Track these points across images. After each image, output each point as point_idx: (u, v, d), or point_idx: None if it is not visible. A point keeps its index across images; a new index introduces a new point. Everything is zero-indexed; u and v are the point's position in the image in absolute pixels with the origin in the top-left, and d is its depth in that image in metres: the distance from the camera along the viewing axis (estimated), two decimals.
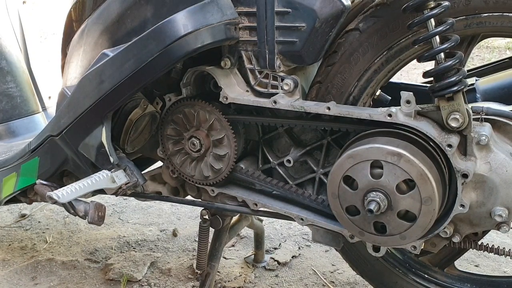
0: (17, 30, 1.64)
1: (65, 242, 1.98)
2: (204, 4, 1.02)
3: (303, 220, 1.14)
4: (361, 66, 1.07)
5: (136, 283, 1.69)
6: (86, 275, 1.75)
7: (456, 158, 0.95)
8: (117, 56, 1.09)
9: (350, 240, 1.10)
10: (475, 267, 1.72)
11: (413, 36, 1.01)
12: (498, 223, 1.00)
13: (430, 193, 0.93)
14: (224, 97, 1.12)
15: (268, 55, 1.07)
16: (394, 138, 0.97)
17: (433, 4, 0.92)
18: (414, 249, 1.04)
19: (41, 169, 1.31)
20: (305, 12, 1.02)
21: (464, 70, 0.94)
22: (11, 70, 1.60)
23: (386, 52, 1.05)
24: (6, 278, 1.74)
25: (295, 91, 1.09)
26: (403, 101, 0.95)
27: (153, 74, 1.06)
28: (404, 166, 0.93)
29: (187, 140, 1.20)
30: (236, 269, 1.75)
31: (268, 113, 1.17)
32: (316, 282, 1.67)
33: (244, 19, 1.08)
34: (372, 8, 1.05)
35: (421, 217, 0.95)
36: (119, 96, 1.11)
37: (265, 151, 1.22)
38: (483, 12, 0.97)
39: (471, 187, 0.99)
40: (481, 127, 0.97)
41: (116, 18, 1.13)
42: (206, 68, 1.14)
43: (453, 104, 0.93)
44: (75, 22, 1.25)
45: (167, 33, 1.02)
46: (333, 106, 1.02)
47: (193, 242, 1.94)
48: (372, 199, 0.95)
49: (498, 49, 4.51)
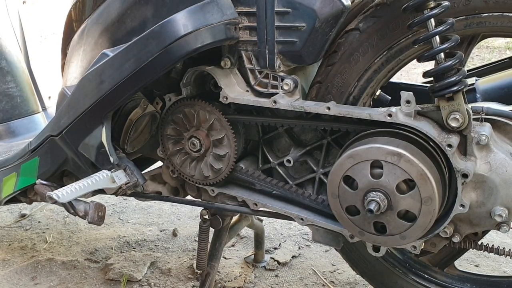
0: (17, 30, 1.64)
1: (65, 242, 1.98)
2: (204, 4, 1.02)
3: (303, 220, 1.14)
4: (361, 66, 1.07)
5: (136, 283, 1.69)
6: (86, 275, 1.75)
7: (456, 158, 0.95)
8: (117, 56, 1.09)
9: (350, 240, 1.10)
10: (475, 267, 1.72)
11: (413, 36, 1.01)
12: (498, 223, 1.00)
13: (430, 193, 0.93)
14: (224, 97, 1.12)
15: (268, 55, 1.07)
16: (394, 138, 0.97)
17: (433, 4, 0.92)
18: (414, 249, 1.04)
19: (41, 169, 1.31)
20: (305, 12, 1.02)
21: (464, 70, 0.94)
22: (11, 70, 1.60)
23: (386, 52, 1.05)
24: (6, 278, 1.74)
25: (295, 91, 1.09)
26: (403, 101, 0.95)
27: (153, 74, 1.06)
28: (404, 166, 0.93)
29: (187, 140, 1.20)
30: (236, 269, 1.75)
31: (268, 113, 1.17)
32: (316, 282, 1.68)
33: (244, 19, 1.08)
34: (372, 8, 1.05)
35: (421, 217, 0.95)
36: (119, 96, 1.11)
37: (265, 151, 1.22)
38: (483, 12, 0.96)
39: (471, 187, 0.99)
40: (481, 127, 0.97)
41: (116, 18, 1.13)
42: (206, 68, 1.14)
43: (453, 104, 0.93)
44: (75, 22, 1.25)
45: (167, 33, 1.02)
46: (333, 106, 1.02)
47: (193, 242, 1.94)
48: (372, 199, 0.95)
49: (498, 49, 4.51)
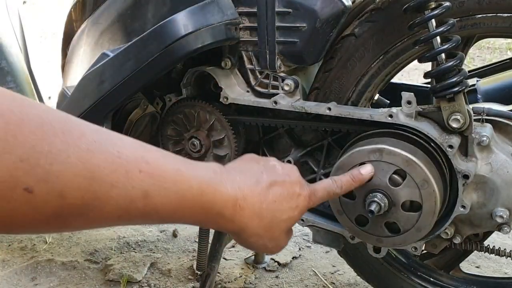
0: (17, 30, 1.63)
1: (65, 242, 1.97)
2: (204, 4, 1.02)
3: (303, 221, 1.14)
4: (358, 71, 1.07)
5: (136, 284, 1.68)
6: (86, 275, 1.75)
7: (457, 159, 0.95)
8: (117, 57, 1.09)
9: (351, 241, 1.10)
10: (476, 268, 1.72)
11: (409, 39, 1.01)
12: (499, 224, 0.99)
13: (423, 175, 0.91)
14: (225, 97, 1.12)
15: (269, 55, 1.07)
16: (373, 138, 0.98)
17: (434, 5, 0.92)
18: (415, 250, 1.03)
19: None
20: (306, 12, 1.02)
21: (465, 71, 0.93)
22: (11, 70, 1.60)
23: (382, 56, 1.05)
24: (6, 279, 1.74)
25: (296, 92, 1.08)
26: (404, 102, 0.95)
27: (153, 75, 1.06)
28: (388, 159, 0.93)
29: (188, 141, 1.20)
30: (237, 270, 1.75)
31: (269, 114, 1.17)
32: (317, 283, 1.67)
33: (244, 19, 1.08)
34: (367, 13, 1.05)
35: (425, 203, 0.93)
36: (119, 97, 1.11)
37: (265, 151, 1.22)
38: (477, 14, 0.96)
39: (472, 188, 0.98)
40: (482, 128, 0.97)
41: (116, 18, 1.13)
42: (206, 69, 1.14)
43: (454, 104, 0.93)
44: (76, 22, 1.25)
45: (168, 33, 1.02)
46: (333, 106, 1.02)
47: (193, 243, 1.94)
48: (371, 200, 0.95)
49: (499, 50, 4.51)
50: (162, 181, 0.56)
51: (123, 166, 0.52)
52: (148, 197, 0.55)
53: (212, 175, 0.65)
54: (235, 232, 0.72)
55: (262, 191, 0.72)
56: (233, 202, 0.67)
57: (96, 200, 0.50)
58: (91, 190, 0.49)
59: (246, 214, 0.69)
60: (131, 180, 0.53)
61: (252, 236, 0.73)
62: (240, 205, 0.68)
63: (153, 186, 0.55)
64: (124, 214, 0.54)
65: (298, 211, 0.77)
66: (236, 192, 0.67)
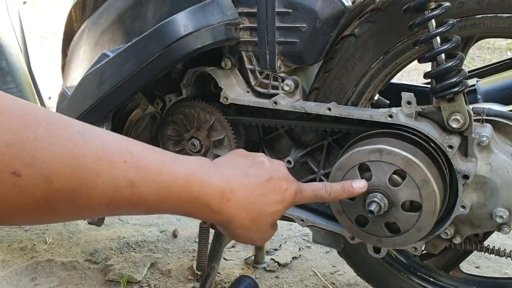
0: (17, 30, 1.63)
1: (65, 243, 1.97)
2: (204, 5, 1.02)
3: (303, 221, 1.14)
4: (358, 72, 1.07)
5: (136, 284, 1.68)
6: (86, 276, 1.75)
7: (457, 159, 0.95)
8: (117, 57, 1.09)
9: (351, 241, 1.10)
10: (476, 268, 1.72)
11: (409, 39, 1.01)
12: (499, 225, 0.99)
13: (422, 176, 0.92)
14: (225, 97, 1.12)
15: (269, 55, 1.07)
16: (372, 138, 0.97)
17: (434, 5, 0.92)
18: (415, 250, 1.04)
19: None
20: (306, 12, 1.02)
21: (465, 71, 0.93)
22: (11, 70, 1.60)
23: (382, 56, 1.05)
24: (6, 279, 1.74)
25: (296, 92, 1.08)
26: (404, 102, 0.95)
27: (153, 75, 1.06)
28: (388, 159, 0.93)
29: (188, 141, 1.20)
30: (237, 270, 1.75)
31: (269, 114, 1.17)
32: (317, 283, 1.67)
33: (244, 20, 1.08)
34: (367, 13, 1.05)
35: (425, 203, 0.93)
36: (119, 97, 1.11)
37: (265, 152, 1.22)
38: (477, 14, 0.96)
39: (472, 188, 0.98)
40: (482, 128, 0.97)
41: (116, 19, 1.13)
42: (206, 69, 1.14)
43: (454, 105, 0.93)
44: (76, 22, 1.25)
45: (168, 33, 1.02)
46: (333, 106, 1.02)
47: (193, 243, 1.94)
48: (371, 200, 0.95)
49: (499, 50, 4.51)
50: (146, 171, 0.58)
51: (107, 156, 0.54)
52: (134, 187, 0.57)
53: (199, 168, 0.67)
54: (222, 223, 0.74)
55: (250, 185, 0.73)
56: (220, 193, 0.68)
57: (82, 187, 0.52)
58: (77, 176, 0.51)
59: (233, 206, 0.71)
60: (116, 170, 0.54)
61: (239, 228, 0.75)
62: (227, 197, 0.69)
63: (138, 176, 0.57)
64: (112, 203, 0.55)
65: (283, 206, 0.78)
66: (223, 184, 0.69)
